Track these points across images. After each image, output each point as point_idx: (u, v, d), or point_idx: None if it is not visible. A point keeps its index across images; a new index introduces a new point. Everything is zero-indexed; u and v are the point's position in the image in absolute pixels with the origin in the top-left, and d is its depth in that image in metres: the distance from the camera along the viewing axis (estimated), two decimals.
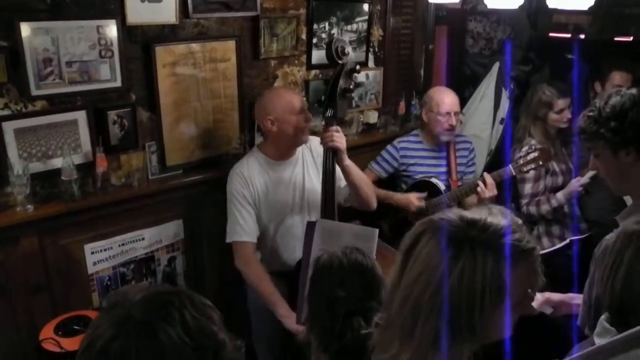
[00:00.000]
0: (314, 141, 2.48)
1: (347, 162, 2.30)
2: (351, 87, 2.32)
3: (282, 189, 2.42)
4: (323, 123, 2.36)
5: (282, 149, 2.42)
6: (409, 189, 2.96)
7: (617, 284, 1.22)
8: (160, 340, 1.00)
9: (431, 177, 2.93)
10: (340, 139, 2.25)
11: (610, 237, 1.56)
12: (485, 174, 2.71)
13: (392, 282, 1.11)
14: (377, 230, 2.09)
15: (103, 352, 1.01)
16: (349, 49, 2.32)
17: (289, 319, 2.19)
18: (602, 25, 3.92)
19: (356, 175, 2.35)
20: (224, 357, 1.07)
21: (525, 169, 2.67)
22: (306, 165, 2.47)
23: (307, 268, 1.94)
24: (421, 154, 3.02)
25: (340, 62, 2.30)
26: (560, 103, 2.88)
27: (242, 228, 2.35)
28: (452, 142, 3.00)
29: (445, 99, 2.90)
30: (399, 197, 2.91)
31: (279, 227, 2.44)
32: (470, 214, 1.08)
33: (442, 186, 2.88)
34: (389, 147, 3.08)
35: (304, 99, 2.48)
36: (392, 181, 3.12)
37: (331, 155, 2.29)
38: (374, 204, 2.47)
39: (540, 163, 2.64)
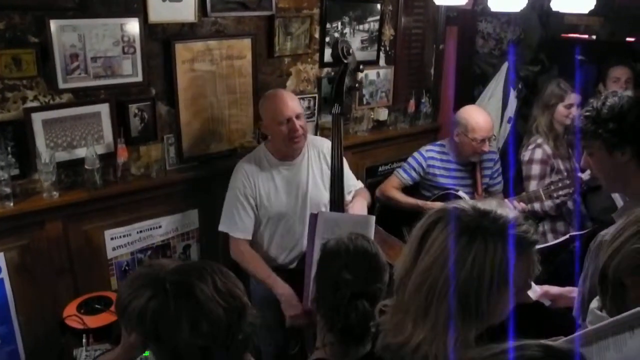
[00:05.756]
0: (321, 141, 2.55)
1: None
2: (357, 85, 2.40)
3: (284, 189, 2.41)
4: (331, 120, 2.44)
5: (281, 151, 2.41)
6: (436, 201, 2.90)
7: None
8: (196, 297, 1.15)
9: (458, 190, 2.92)
10: None
11: (604, 233, 1.62)
12: (515, 202, 2.73)
13: (405, 267, 1.16)
14: (373, 217, 2.20)
15: (141, 311, 1.14)
16: (353, 49, 2.40)
17: (286, 297, 2.21)
18: (614, 27, 3.97)
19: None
20: (246, 319, 1.21)
21: (555, 195, 2.70)
22: (311, 166, 2.46)
23: (312, 257, 2.04)
24: (447, 166, 2.99)
25: (345, 61, 2.39)
26: (572, 97, 2.93)
27: (237, 225, 2.36)
28: None
29: (481, 124, 2.81)
30: (430, 205, 2.80)
31: (279, 226, 2.43)
32: (482, 204, 1.15)
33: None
34: (416, 154, 3.03)
35: (299, 106, 2.35)
36: (416, 188, 3.09)
37: (339, 155, 2.37)
38: None
39: (571, 191, 2.67)
